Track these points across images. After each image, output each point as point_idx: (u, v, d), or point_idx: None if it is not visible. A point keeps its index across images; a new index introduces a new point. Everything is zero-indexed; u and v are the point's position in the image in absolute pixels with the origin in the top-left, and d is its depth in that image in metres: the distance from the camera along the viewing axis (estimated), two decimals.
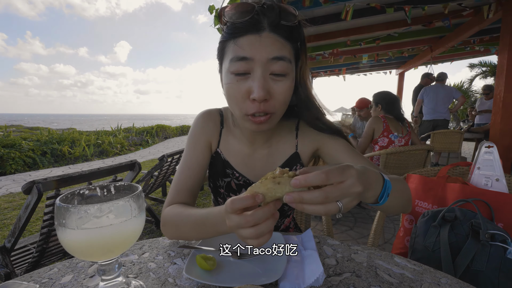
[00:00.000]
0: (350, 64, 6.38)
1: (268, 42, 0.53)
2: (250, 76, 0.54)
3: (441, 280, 0.48)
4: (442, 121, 4.21)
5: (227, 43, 0.57)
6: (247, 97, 0.55)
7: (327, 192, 0.35)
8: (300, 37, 0.59)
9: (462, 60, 6.32)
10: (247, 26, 0.53)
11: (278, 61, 0.53)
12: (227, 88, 0.57)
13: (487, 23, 3.28)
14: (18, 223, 1.18)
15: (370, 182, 0.42)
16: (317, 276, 0.44)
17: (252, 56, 0.53)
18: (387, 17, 3.65)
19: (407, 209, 0.61)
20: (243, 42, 0.53)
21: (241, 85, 0.55)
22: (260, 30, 0.53)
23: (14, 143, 5.84)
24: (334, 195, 0.36)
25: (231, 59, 0.55)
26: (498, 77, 2.86)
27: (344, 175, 0.36)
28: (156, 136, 11.74)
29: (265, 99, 0.53)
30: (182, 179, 0.69)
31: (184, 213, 0.59)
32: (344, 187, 0.36)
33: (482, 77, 12.31)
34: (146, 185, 2.51)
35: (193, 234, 0.57)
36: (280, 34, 0.54)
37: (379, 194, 0.45)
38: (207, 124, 0.74)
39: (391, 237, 2.19)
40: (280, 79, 0.55)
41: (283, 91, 0.56)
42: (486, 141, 0.93)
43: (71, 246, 0.38)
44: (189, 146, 0.72)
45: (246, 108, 0.56)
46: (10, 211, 3.10)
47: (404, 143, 2.33)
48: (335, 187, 0.36)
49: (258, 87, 0.52)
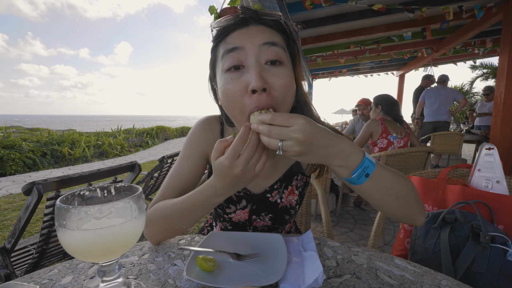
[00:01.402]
0: (351, 66, 6.40)
1: (256, 31, 0.53)
2: (245, 69, 0.52)
3: (441, 282, 0.48)
4: (443, 123, 4.22)
5: (217, 48, 0.57)
6: (245, 92, 0.51)
7: (271, 128, 0.43)
8: (290, 34, 0.59)
9: (461, 61, 6.33)
10: (234, 24, 0.54)
11: (271, 46, 0.52)
12: (223, 90, 0.54)
13: (488, 25, 3.29)
14: (18, 224, 1.18)
15: (331, 144, 0.45)
16: (316, 277, 0.44)
17: (242, 45, 0.52)
18: (387, 19, 3.66)
19: (412, 214, 0.54)
20: (231, 37, 0.54)
21: (236, 82, 0.52)
22: (247, 23, 0.54)
23: (14, 144, 5.85)
24: (274, 132, 0.43)
25: (222, 55, 0.54)
26: (498, 78, 2.86)
27: (289, 121, 0.42)
28: (156, 137, 11.75)
29: (264, 88, 0.50)
30: (169, 184, 0.67)
31: (169, 203, 0.58)
32: (284, 130, 0.42)
33: (483, 79, 12.32)
34: (146, 186, 2.51)
35: (183, 220, 0.57)
36: (267, 24, 0.55)
37: (353, 169, 0.46)
38: (205, 133, 0.70)
39: (391, 239, 2.19)
40: (277, 68, 0.52)
41: (282, 81, 0.52)
42: (487, 143, 0.93)
43: (71, 247, 0.38)
44: (184, 154, 0.70)
45: (246, 106, 0.51)
46: (10, 212, 3.10)
47: (403, 144, 2.33)
48: (277, 127, 0.43)
49: (254, 75, 0.49)
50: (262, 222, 0.74)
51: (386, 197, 0.51)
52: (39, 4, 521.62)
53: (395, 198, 0.51)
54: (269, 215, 0.73)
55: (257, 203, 0.71)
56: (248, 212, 0.72)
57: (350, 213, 2.77)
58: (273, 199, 0.72)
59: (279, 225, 0.77)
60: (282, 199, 0.72)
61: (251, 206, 0.72)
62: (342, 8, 3.27)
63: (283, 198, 0.72)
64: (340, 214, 2.72)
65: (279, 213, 0.73)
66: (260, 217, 0.73)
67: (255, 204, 0.72)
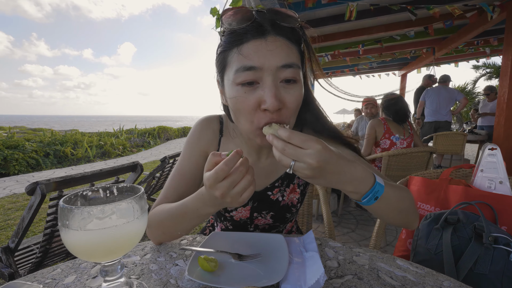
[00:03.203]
0: (353, 66, 6.38)
1: (275, 47, 0.50)
2: (260, 86, 0.51)
3: (443, 283, 0.47)
4: (444, 123, 4.19)
5: (229, 53, 0.53)
6: (257, 108, 0.51)
7: (285, 146, 0.42)
8: (303, 38, 0.57)
9: (464, 61, 6.29)
10: (250, 30, 0.50)
11: (288, 68, 0.51)
12: (234, 102, 0.53)
13: (491, 24, 3.26)
14: (22, 224, 1.19)
15: (343, 171, 0.44)
16: (318, 278, 0.44)
17: (261, 65, 0.49)
18: (389, 18, 3.64)
19: (409, 222, 0.58)
20: (248, 49, 0.50)
21: (250, 96, 0.51)
22: (264, 33, 0.50)
23: (17, 144, 5.89)
24: (288, 152, 0.42)
25: (236, 69, 0.51)
26: (502, 78, 2.84)
27: (305, 143, 0.41)
28: (158, 137, 11.79)
29: (279, 108, 0.50)
30: (172, 185, 0.67)
31: (166, 207, 0.59)
32: (299, 152, 0.41)
33: (487, 78, 12.24)
34: (148, 186, 2.52)
35: (177, 226, 0.57)
36: (286, 36, 0.52)
37: (363, 194, 0.47)
38: (205, 132, 0.71)
39: (393, 240, 2.18)
40: (291, 87, 0.52)
41: (295, 99, 0.53)
42: (490, 143, 0.92)
43: (74, 247, 0.38)
44: (184, 153, 0.70)
45: (258, 120, 0.52)
46: (13, 211, 3.12)
47: (406, 145, 2.32)
48: (292, 147, 0.42)
49: (271, 97, 0.49)
50: (263, 220, 0.74)
51: (391, 213, 0.53)
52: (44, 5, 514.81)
53: (398, 212, 0.54)
54: (270, 213, 0.73)
55: (258, 200, 0.72)
56: (250, 210, 0.73)
57: (351, 213, 2.76)
58: (274, 197, 0.72)
59: (280, 223, 0.77)
60: (284, 197, 0.73)
61: (253, 203, 0.72)
62: (344, 7, 3.27)
63: (284, 196, 0.73)
64: (341, 215, 2.71)
65: (281, 211, 0.74)
66: (262, 215, 0.74)
67: (256, 202, 0.72)
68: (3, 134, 8.34)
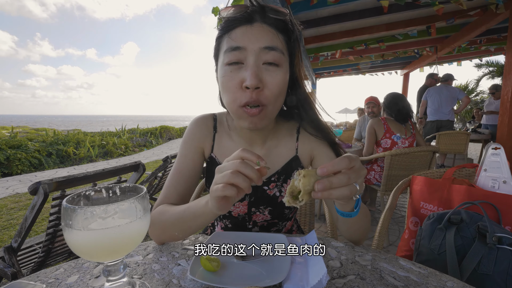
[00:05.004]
0: (355, 65, 6.36)
1: (259, 31, 0.56)
2: (244, 66, 0.56)
3: (447, 283, 0.47)
4: (446, 122, 4.17)
5: (222, 39, 0.60)
6: (240, 86, 0.56)
7: (349, 174, 0.40)
8: (293, 33, 0.61)
9: (467, 60, 6.24)
10: (240, 19, 0.57)
11: (270, 51, 0.56)
12: (222, 80, 0.59)
13: (495, 23, 3.23)
14: (25, 223, 1.19)
15: None
16: (320, 278, 0.44)
17: (245, 45, 0.55)
18: (391, 17, 3.62)
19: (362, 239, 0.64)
20: (236, 33, 0.57)
21: (234, 75, 0.56)
22: (252, 21, 0.57)
23: (20, 144, 5.93)
24: (353, 176, 0.41)
25: (225, 50, 0.57)
26: (505, 77, 2.82)
27: (352, 161, 0.41)
28: (160, 137, 11.82)
29: (258, 87, 0.54)
30: (172, 184, 0.69)
31: (169, 210, 0.61)
32: (357, 170, 0.41)
33: (490, 77, 12.16)
34: (150, 186, 2.53)
35: (177, 229, 0.58)
36: (271, 25, 0.57)
37: (354, 200, 0.48)
38: (200, 129, 0.74)
39: (396, 240, 2.17)
40: (273, 69, 0.56)
41: (276, 81, 0.57)
42: (493, 143, 0.91)
43: (77, 246, 0.38)
44: (181, 152, 0.72)
45: (240, 98, 0.56)
46: (16, 211, 3.14)
47: (408, 144, 2.30)
48: (352, 170, 0.41)
49: (250, 75, 0.54)
50: (261, 215, 0.75)
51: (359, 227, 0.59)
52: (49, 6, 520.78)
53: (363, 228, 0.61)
54: (268, 208, 0.74)
55: (255, 194, 0.73)
56: (247, 205, 0.74)
57: None
58: (271, 192, 0.73)
59: (279, 220, 0.78)
60: (282, 192, 0.73)
61: (249, 198, 0.73)
62: (346, 7, 3.25)
63: (282, 192, 0.73)
64: None
65: (279, 206, 0.74)
66: (260, 210, 0.74)
67: (253, 196, 0.73)
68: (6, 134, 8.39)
